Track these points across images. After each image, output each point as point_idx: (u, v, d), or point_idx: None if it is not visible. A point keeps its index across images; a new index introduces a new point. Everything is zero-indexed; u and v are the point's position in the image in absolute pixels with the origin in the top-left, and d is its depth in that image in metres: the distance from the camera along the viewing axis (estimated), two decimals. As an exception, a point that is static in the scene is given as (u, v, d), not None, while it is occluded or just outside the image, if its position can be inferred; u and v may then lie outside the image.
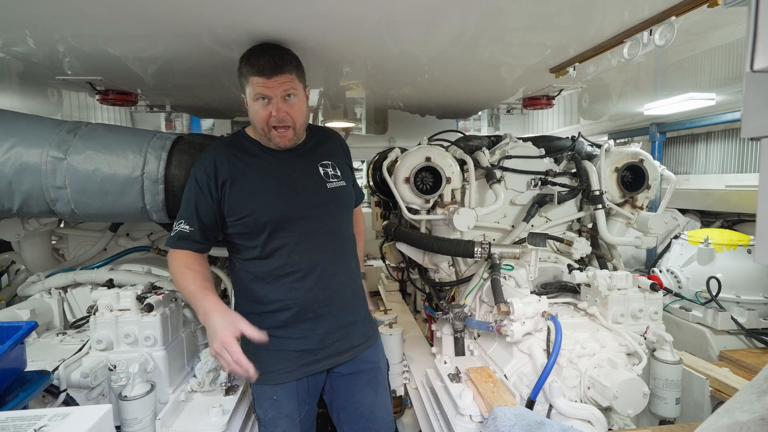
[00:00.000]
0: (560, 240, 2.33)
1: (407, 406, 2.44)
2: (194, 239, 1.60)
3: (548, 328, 1.73)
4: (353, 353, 1.78)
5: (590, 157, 2.64)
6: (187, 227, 1.59)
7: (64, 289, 2.32)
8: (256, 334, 1.45)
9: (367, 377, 1.82)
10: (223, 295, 2.57)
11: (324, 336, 1.70)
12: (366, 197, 4.98)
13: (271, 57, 1.53)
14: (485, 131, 5.14)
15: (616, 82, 2.77)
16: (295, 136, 1.63)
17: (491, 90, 2.87)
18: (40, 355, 1.89)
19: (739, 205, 3.37)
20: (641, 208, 2.54)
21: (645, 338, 1.88)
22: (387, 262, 3.62)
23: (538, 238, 2.00)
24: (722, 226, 3.64)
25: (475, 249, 2.08)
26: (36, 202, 1.82)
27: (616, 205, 2.51)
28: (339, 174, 1.74)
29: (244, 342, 1.72)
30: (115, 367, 1.83)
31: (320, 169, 1.71)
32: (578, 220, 2.64)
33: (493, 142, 2.70)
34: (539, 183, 2.47)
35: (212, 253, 1.89)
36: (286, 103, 1.56)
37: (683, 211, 3.84)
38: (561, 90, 2.77)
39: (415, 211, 2.37)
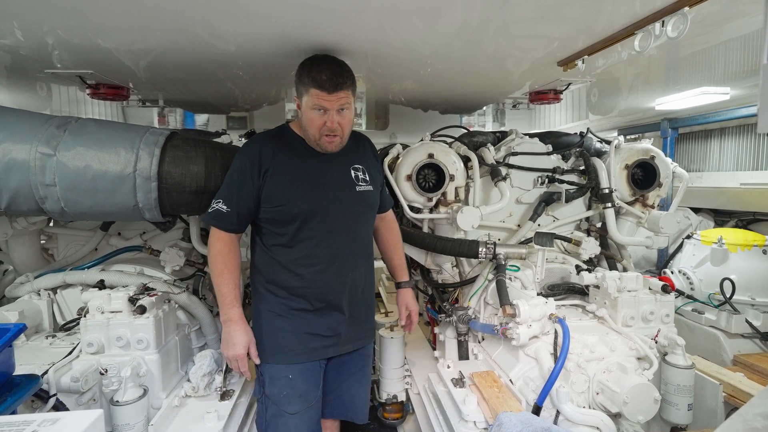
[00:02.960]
0: (568, 240, 2.33)
1: (409, 411, 2.44)
2: (231, 220, 1.74)
3: (555, 332, 1.75)
4: (354, 345, 1.92)
5: (599, 154, 2.63)
6: (225, 207, 1.72)
7: (54, 290, 2.30)
8: (256, 359, 1.79)
9: (355, 369, 1.96)
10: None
11: (336, 324, 1.84)
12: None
13: (333, 73, 1.66)
14: (490, 127, 5.14)
15: (627, 75, 2.76)
16: (342, 142, 1.79)
17: (496, 84, 2.85)
18: (29, 358, 1.87)
19: (754, 203, 3.32)
20: (652, 206, 2.52)
21: (656, 342, 1.87)
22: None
23: (545, 238, 2.02)
24: (736, 226, 3.60)
25: (480, 249, 2.10)
26: (24, 200, 1.80)
27: (626, 203, 2.50)
28: (368, 178, 1.89)
29: (257, 321, 1.84)
30: (106, 371, 1.81)
31: (352, 172, 1.86)
32: (587, 219, 2.63)
33: (499, 138, 2.70)
34: (546, 180, 2.46)
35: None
36: (339, 115, 1.70)
37: (696, 210, 3.80)
38: (569, 84, 2.75)
39: (418, 210, 2.37)
